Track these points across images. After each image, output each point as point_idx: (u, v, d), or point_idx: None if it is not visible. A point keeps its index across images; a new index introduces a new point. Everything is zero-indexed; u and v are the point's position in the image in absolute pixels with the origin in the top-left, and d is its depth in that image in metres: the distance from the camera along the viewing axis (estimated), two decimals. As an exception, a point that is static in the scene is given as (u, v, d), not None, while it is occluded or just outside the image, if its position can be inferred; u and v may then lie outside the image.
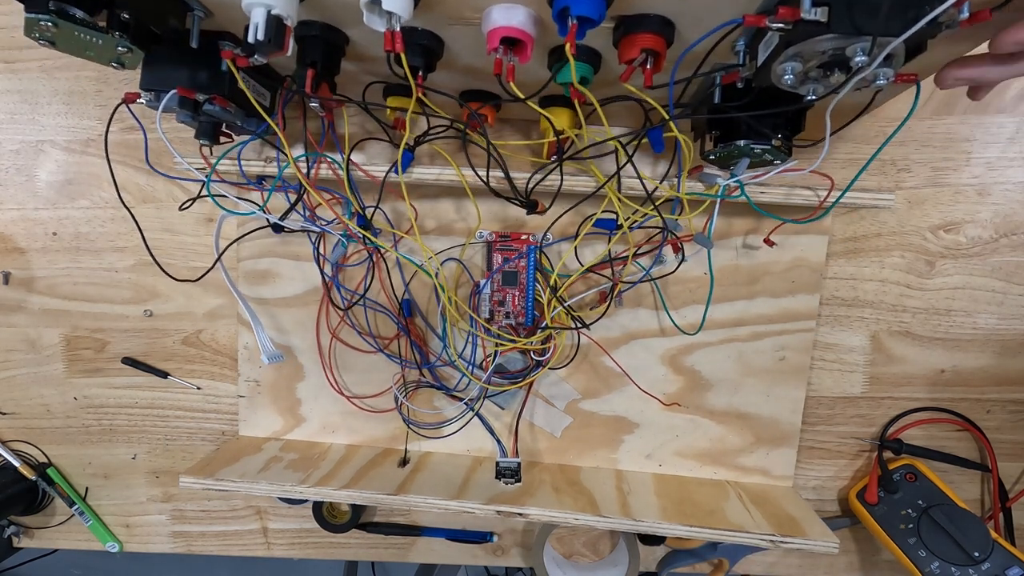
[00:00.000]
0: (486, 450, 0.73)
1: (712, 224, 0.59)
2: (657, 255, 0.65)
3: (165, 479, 0.80)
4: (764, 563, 0.76)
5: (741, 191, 0.56)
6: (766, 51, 0.38)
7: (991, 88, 0.47)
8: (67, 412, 0.79)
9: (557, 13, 0.38)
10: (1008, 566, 0.63)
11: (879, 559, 0.75)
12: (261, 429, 0.75)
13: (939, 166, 0.66)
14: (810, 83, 0.39)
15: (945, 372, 0.70)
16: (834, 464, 0.73)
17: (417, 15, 0.41)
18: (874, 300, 0.69)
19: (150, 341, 0.76)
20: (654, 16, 0.41)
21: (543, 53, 0.47)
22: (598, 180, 0.58)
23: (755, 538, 0.60)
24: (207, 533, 0.82)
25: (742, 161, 0.54)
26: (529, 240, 0.66)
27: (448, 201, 0.68)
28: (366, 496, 0.64)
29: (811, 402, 0.71)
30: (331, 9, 0.44)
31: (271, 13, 0.38)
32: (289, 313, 0.72)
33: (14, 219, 0.74)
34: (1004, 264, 0.67)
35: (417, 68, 0.46)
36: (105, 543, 0.82)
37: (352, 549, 0.81)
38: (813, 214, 0.57)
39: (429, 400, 0.73)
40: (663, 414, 0.71)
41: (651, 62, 0.42)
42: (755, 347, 0.68)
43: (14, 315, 0.76)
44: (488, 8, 0.41)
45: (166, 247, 0.72)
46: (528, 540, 0.78)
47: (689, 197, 0.57)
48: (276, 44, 0.39)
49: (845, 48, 0.35)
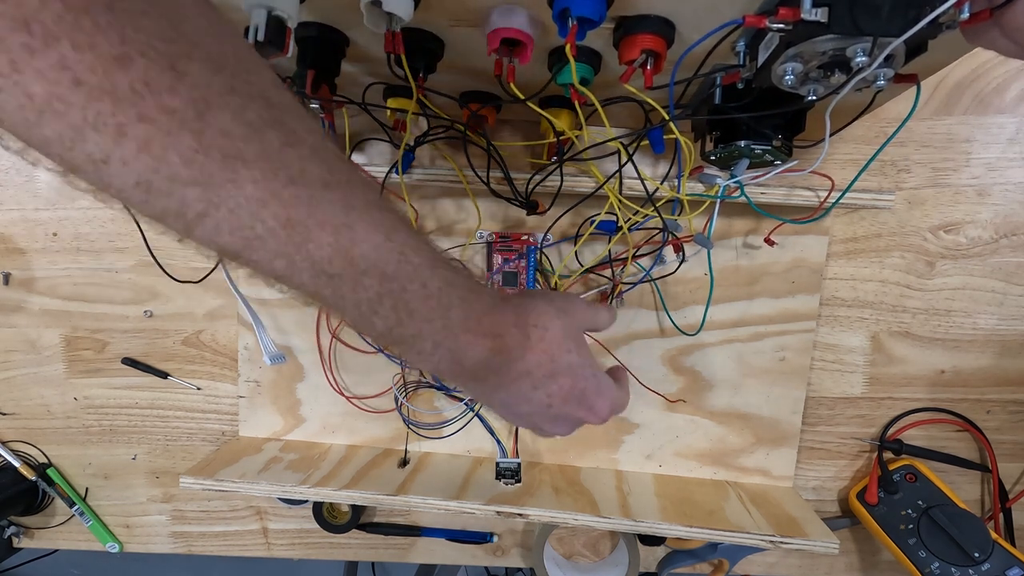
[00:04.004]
0: (486, 450, 0.73)
1: (712, 225, 0.59)
2: (657, 256, 0.65)
3: (165, 479, 0.80)
4: (764, 563, 0.76)
5: (741, 192, 0.56)
6: (766, 52, 0.38)
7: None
8: (67, 412, 0.79)
9: (557, 14, 0.39)
10: (1008, 566, 0.63)
11: (879, 559, 0.75)
12: (261, 429, 0.75)
13: (939, 167, 0.66)
14: (810, 84, 0.39)
15: (945, 372, 0.70)
16: (834, 464, 0.73)
17: (417, 16, 0.41)
18: (874, 300, 0.69)
19: (150, 341, 0.76)
20: (654, 17, 0.41)
21: (543, 54, 0.47)
22: (598, 181, 0.58)
23: (755, 538, 0.60)
24: (207, 533, 0.82)
25: (741, 162, 0.54)
26: (529, 241, 0.67)
27: (448, 201, 0.68)
28: (366, 496, 0.64)
29: (811, 402, 0.71)
30: (331, 10, 0.44)
31: (272, 14, 0.38)
32: (289, 313, 0.72)
33: (14, 219, 0.74)
34: (1004, 264, 0.67)
35: (417, 69, 0.46)
36: (105, 543, 0.82)
37: (352, 549, 0.81)
38: (813, 214, 0.57)
39: (429, 400, 0.73)
40: (663, 414, 0.71)
41: (651, 63, 0.42)
42: (755, 347, 0.68)
43: (14, 316, 0.76)
44: (488, 9, 0.41)
45: (166, 247, 0.72)
46: (528, 540, 0.78)
47: (689, 198, 0.57)
48: (276, 45, 0.39)
49: (845, 49, 0.35)
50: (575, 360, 0.40)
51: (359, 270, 0.30)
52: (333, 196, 0.29)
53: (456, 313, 0.34)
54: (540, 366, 0.38)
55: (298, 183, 0.27)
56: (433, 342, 0.34)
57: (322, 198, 0.28)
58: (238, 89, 0.26)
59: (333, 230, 0.29)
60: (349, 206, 0.29)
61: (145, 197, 0.25)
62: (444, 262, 0.34)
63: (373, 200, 0.31)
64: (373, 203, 0.31)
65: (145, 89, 0.22)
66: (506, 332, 0.36)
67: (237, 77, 0.26)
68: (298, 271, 0.29)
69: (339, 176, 0.29)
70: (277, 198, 0.27)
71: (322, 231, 0.28)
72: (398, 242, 0.31)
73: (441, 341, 0.34)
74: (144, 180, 0.24)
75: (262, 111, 0.26)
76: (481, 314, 0.35)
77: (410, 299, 0.32)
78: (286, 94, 0.29)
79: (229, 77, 0.25)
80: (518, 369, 0.38)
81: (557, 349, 0.39)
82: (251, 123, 0.26)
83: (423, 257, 0.32)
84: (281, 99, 0.28)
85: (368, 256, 0.30)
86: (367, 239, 0.30)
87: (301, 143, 0.28)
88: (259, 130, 0.26)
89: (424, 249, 0.33)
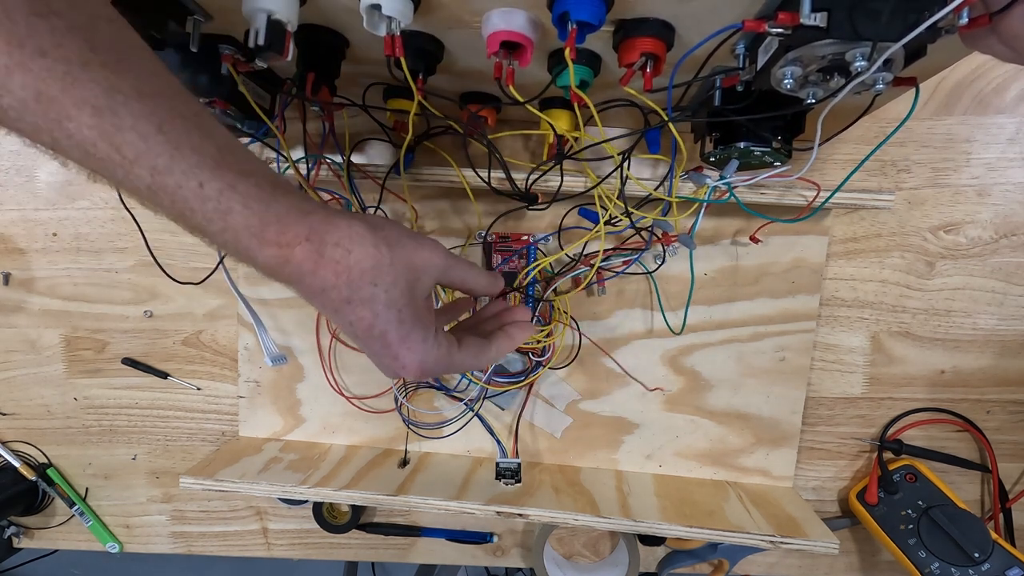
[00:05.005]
0: (486, 451, 0.74)
1: (696, 225, 0.59)
2: (639, 253, 0.64)
3: (165, 480, 0.80)
4: (764, 564, 0.76)
5: (730, 193, 0.56)
6: (766, 55, 0.38)
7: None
8: (67, 413, 0.79)
9: (557, 17, 0.38)
10: (1008, 566, 0.63)
11: (879, 560, 0.75)
12: (261, 430, 0.75)
13: (939, 167, 0.66)
14: (810, 87, 0.39)
15: (945, 373, 0.70)
16: (834, 465, 0.73)
17: (417, 19, 0.41)
18: (874, 301, 0.69)
19: (150, 342, 0.76)
20: (654, 20, 0.41)
21: (543, 55, 0.47)
22: (595, 183, 0.58)
23: (755, 539, 0.60)
24: (207, 534, 0.82)
25: (731, 163, 0.54)
26: (528, 240, 0.67)
27: (448, 201, 0.68)
28: (366, 497, 0.64)
29: (811, 402, 0.71)
30: (331, 13, 0.44)
31: (271, 18, 0.38)
32: (289, 313, 0.72)
33: (14, 220, 0.74)
34: (1004, 265, 0.67)
35: (417, 72, 0.46)
36: (105, 544, 0.82)
37: (352, 549, 0.81)
38: (800, 215, 0.57)
39: (429, 401, 0.73)
40: (663, 415, 0.71)
41: (651, 66, 0.42)
42: (755, 348, 0.68)
43: (14, 316, 0.76)
44: (488, 12, 0.41)
45: (166, 248, 0.72)
46: (528, 541, 0.78)
47: (676, 200, 0.57)
48: (276, 49, 0.39)
49: (845, 53, 0.35)
50: (381, 296, 0.37)
51: (127, 159, 0.30)
52: (95, 75, 0.28)
53: (236, 219, 0.33)
54: (335, 288, 0.36)
55: (50, 56, 0.27)
56: (220, 240, 0.34)
57: (81, 76, 0.28)
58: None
59: (93, 111, 0.28)
60: (113, 89, 0.28)
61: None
62: (234, 166, 0.33)
63: (152, 89, 0.30)
64: (151, 92, 0.30)
65: None
66: (295, 244, 0.34)
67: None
68: (65, 149, 0.29)
69: (108, 57, 0.29)
70: (24, 68, 0.27)
71: (80, 111, 0.28)
72: (173, 135, 0.30)
73: (226, 241, 0.33)
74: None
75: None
76: (268, 223, 0.33)
77: (187, 196, 0.31)
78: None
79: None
80: (310, 285, 0.35)
81: (359, 277, 0.36)
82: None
83: (203, 156, 0.31)
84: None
85: (134, 145, 0.29)
86: (133, 127, 0.29)
87: (59, 15, 0.27)
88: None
89: (207, 148, 0.32)
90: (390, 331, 0.38)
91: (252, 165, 0.34)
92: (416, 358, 0.39)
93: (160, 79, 0.31)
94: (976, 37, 0.34)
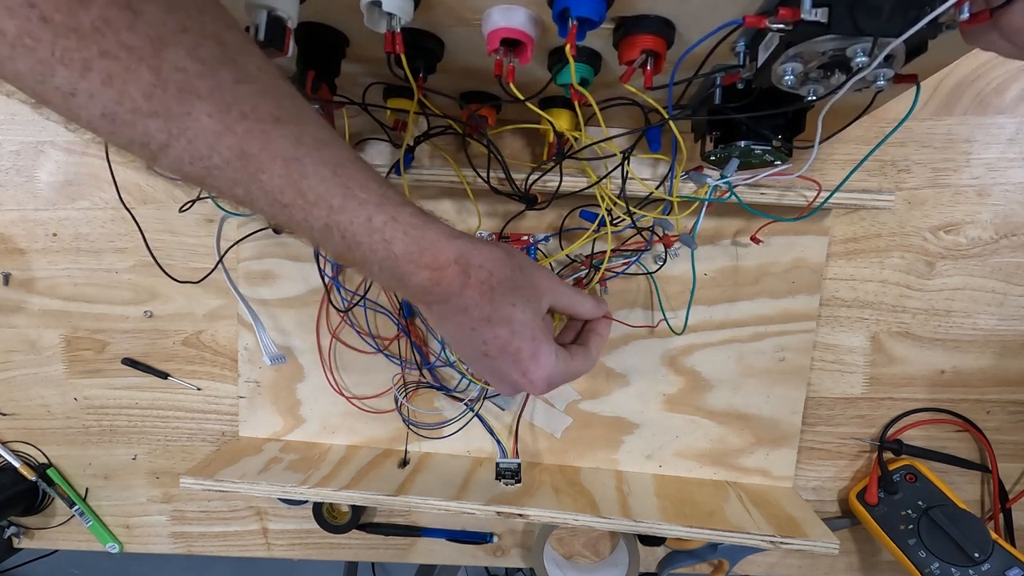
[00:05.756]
0: (486, 451, 0.73)
1: (698, 225, 0.59)
2: (640, 253, 0.64)
3: (165, 480, 0.80)
4: (764, 564, 0.76)
5: (731, 192, 0.56)
6: (766, 52, 0.38)
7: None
8: (67, 413, 0.79)
9: (557, 14, 0.39)
10: (1008, 567, 0.63)
11: (879, 560, 0.75)
12: (261, 430, 0.75)
13: (939, 167, 0.66)
14: (810, 84, 0.39)
15: (945, 373, 0.70)
16: (834, 465, 0.73)
17: (417, 16, 0.41)
18: (874, 301, 0.69)
19: (150, 342, 0.76)
20: (654, 17, 0.41)
21: (543, 54, 0.47)
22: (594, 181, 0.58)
23: (755, 539, 0.60)
24: (207, 534, 0.82)
25: (731, 162, 0.54)
26: (529, 240, 0.66)
27: (448, 201, 0.68)
28: (366, 497, 0.64)
29: (811, 403, 0.71)
30: (332, 10, 0.44)
31: (272, 14, 0.38)
32: (289, 314, 0.72)
33: (14, 220, 0.74)
34: (1004, 265, 0.67)
35: (417, 69, 0.46)
36: (105, 544, 0.82)
37: (352, 550, 0.81)
38: (801, 213, 0.57)
39: (429, 401, 0.73)
40: (663, 415, 0.71)
41: (651, 63, 0.42)
42: (755, 348, 0.68)
43: (14, 316, 0.76)
44: (488, 9, 0.41)
45: (166, 248, 0.72)
46: (528, 541, 0.78)
47: (677, 200, 0.57)
48: (276, 46, 0.39)
49: (845, 49, 0.35)
50: (518, 315, 0.41)
51: (308, 201, 0.33)
52: (284, 131, 0.31)
53: (399, 246, 0.36)
54: (478, 306, 0.39)
55: (250, 118, 0.30)
56: (380, 267, 0.37)
57: (273, 133, 0.31)
58: (191, 28, 0.28)
59: (283, 163, 0.32)
60: (298, 141, 0.32)
61: (111, 128, 0.28)
62: (392, 199, 0.36)
63: (323, 137, 0.34)
64: (323, 139, 0.34)
65: (105, 27, 0.25)
66: (446, 266, 0.38)
67: (191, 17, 0.28)
68: (255, 199, 0.32)
69: (290, 113, 0.32)
70: (231, 131, 0.29)
71: (273, 163, 0.31)
72: (344, 177, 0.34)
73: (386, 267, 0.37)
74: (109, 112, 0.27)
75: (215, 49, 0.29)
76: (424, 248, 0.37)
77: (357, 231, 0.35)
78: (239, 34, 0.31)
79: (183, 17, 0.27)
80: (456, 304, 0.39)
81: (500, 297, 0.40)
82: (204, 60, 0.28)
83: (370, 193, 0.35)
84: (234, 39, 0.30)
85: (315, 189, 0.33)
86: (315, 173, 0.33)
87: (253, 80, 0.30)
88: (212, 67, 0.28)
89: (371, 186, 0.35)
90: (524, 348, 0.42)
91: (402, 195, 0.38)
92: (544, 372, 0.43)
93: (325, 126, 0.35)
94: (977, 33, 0.34)
